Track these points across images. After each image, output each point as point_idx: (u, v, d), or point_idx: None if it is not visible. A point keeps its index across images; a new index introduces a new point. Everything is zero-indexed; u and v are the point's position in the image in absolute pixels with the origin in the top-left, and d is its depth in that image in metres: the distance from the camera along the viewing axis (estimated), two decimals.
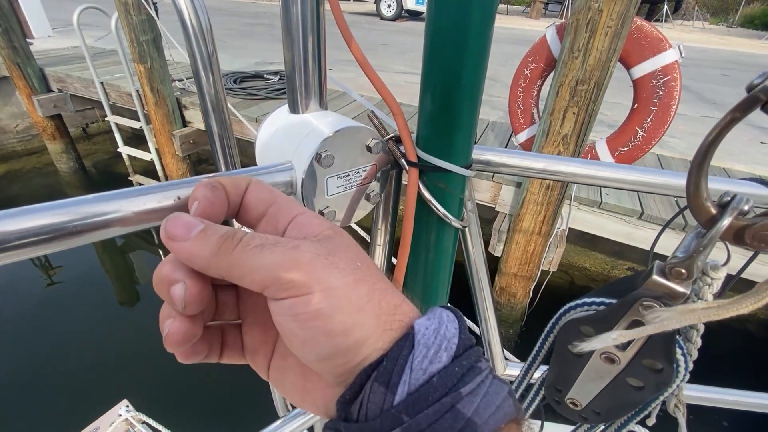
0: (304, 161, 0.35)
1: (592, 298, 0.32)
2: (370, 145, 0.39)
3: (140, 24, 3.05)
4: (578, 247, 4.24)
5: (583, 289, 4.04)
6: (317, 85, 0.38)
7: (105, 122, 5.71)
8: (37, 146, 5.21)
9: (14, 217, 0.23)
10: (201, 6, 0.36)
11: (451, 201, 0.44)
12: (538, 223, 2.58)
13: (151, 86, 3.30)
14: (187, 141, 3.62)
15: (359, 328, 0.19)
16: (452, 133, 0.40)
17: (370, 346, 0.20)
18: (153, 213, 0.27)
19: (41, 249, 0.24)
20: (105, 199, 0.26)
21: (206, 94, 0.40)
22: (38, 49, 4.43)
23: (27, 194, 4.85)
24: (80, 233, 0.25)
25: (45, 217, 0.24)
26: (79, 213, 0.25)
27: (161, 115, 3.47)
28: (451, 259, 0.51)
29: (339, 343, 0.19)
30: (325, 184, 0.37)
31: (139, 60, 3.18)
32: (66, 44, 5.30)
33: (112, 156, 5.49)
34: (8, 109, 5.04)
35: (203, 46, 0.37)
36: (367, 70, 0.41)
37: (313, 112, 0.39)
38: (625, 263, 4.14)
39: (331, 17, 0.40)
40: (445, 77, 0.38)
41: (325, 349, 0.20)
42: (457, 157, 0.41)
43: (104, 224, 0.26)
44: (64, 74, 4.18)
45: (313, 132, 0.36)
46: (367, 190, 0.42)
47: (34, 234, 0.24)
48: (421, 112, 0.41)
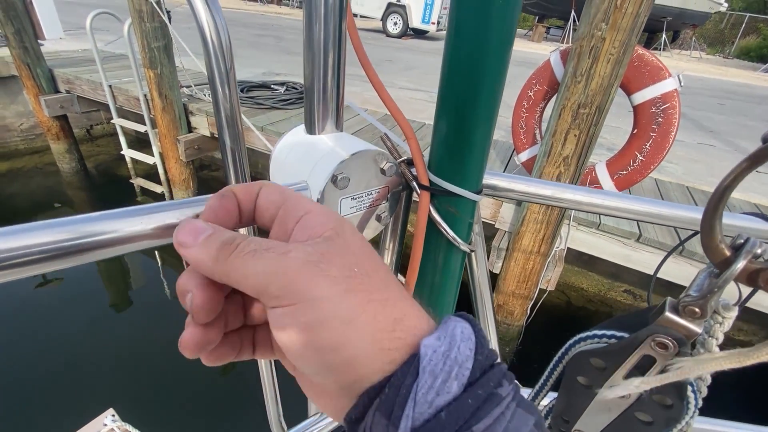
0: (320, 182, 0.35)
1: (602, 330, 0.32)
2: (384, 168, 0.40)
3: (153, 31, 3.10)
4: (575, 268, 4.24)
5: (579, 309, 4.03)
6: (335, 107, 0.39)
7: (109, 125, 5.74)
8: (40, 145, 5.22)
9: (34, 231, 0.24)
10: (222, 23, 0.37)
11: (460, 225, 0.45)
12: (537, 241, 2.59)
13: (160, 91, 3.33)
14: (192, 146, 3.64)
15: (349, 344, 0.18)
16: (465, 158, 0.40)
17: (365, 366, 0.18)
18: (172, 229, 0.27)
19: (60, 263, 0.25)
20: (127, 214, 0.27)
21: (221, 107, 0.41)
22: (48, 51, 4.49)
23: (26, 193, 4.84)
24: (102, 247, 0.26)
25: (62, 233, 0.25)
26: (99, 228, 0.26)
27: (168, 120, 3.50)
28: (457, 282, 0.51)
29: (329, 360, 0.18)
30: (339, 205, 0.38)
31: (149, 66, 3.22)
32: (76, 47, 5.37)
33: (114, 158, 5.50)
34: (14, 107, 5.07)
35: (222, 61, 0.38)
36: (383, 95, 0.42)
37: (329, 133, 0.40)
38: (622, 285, 4.14)
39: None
40: (462, 102, 0.39)
41: (316, 364, 0.18)
42: (468, 182, 0.42)
43: (122, 240, 0.26)
44: (73, 76, 4.23)
45: (329, 154, 0.37)
46: (377, 211, 0.43)
47: (54, 248, 0.24)
48: (435, 136, 0.42)
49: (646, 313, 0.29)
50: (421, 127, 3.59)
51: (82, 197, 4.88)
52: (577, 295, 4.20)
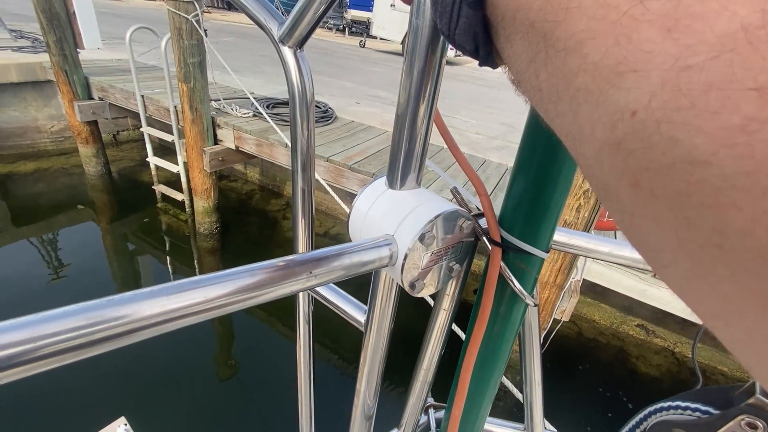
0: (409, 240, 0.36)
1: (686, 402, 0.35)
2: (462, 226, 0.42)
3: (190, 47, 3.27)
4: (588, 299, 4.23)
5: (590, 341, 4.00)
6: (419, 163, 0.40)
7: (135, 132, 5.94)
8: (68, 148, 5.40)
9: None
10: (308, 73, 0.39)
11: (527, 279, 0.45)
12: (554, 271, 2.62)
13: (191, 104, 3.47)
14: (216, 158, 3.76)
15: None
16: (539, 219, 0.40)
17: None
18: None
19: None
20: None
21: (299, 151, 0.42)
22: (84, 59, 4.70)
23: (50, 192, 4.98)
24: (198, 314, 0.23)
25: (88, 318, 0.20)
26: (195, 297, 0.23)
27: (195, 132, 3.63)
28: (515, 334, 0.51)
29: None
30: (421, 260, 0.39)
31: (183, 80, 3.37)
32: (110, 56, 5.61)
33: (137, 164, 5.67)
34: (47, 110, 5.27)
35: (305, 113, 0.40)
36: (455, 151, 0.45)
37: (411, 189, 0.40)
38: (635, 319, 4.12)
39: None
40: (543, 164, 0.39)
41: None
42: (539, 241, 0.42)
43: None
44: (108, 84, 4.41)
45: (415, 212, 0.38)
46: (449, 263, 0.44)
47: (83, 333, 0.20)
48: (510, 192, 0.41)
49: (730, 390, 0.32)
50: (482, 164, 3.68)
51: (104, 200, 5.01)
52: (588, 326, 4.17)
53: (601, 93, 0.13)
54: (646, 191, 0.12)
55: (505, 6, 0.16)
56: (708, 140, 0.10)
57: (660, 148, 0.11)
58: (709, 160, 0.10)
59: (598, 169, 0.14)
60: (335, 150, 3.35)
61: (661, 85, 0.11)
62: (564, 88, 0.14)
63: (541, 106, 0.16)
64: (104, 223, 4.75)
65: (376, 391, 0.51)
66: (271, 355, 3.38)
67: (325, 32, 16.67)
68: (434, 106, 0.35)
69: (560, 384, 3.40)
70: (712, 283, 0.11)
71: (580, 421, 3.16)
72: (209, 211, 4.23)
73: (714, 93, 0.10)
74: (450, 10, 0.19)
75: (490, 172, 3.49)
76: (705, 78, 0.10)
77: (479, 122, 5.21)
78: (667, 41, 0.11)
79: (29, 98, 5.11)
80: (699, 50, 0.11)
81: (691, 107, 0.10)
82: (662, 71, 0.11)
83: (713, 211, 0.10)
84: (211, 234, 4.38)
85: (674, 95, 0.11)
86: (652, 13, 0.11)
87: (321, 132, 3.75)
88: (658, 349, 3.95)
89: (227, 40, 9.13)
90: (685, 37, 0.11)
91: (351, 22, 15.72)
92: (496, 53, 0.19)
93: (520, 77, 0.17)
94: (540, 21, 0.14)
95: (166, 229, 4.71)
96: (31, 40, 5.82)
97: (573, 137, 0.15)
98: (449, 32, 0.20)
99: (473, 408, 0.51)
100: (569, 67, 0.14)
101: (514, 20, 0.16)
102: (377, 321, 0.45)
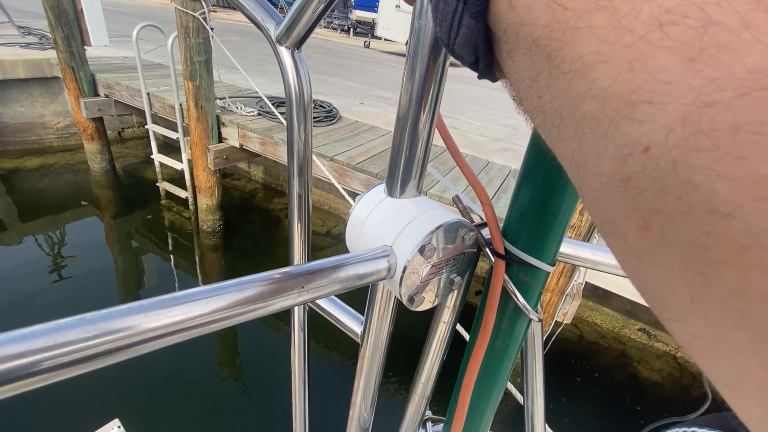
0: (408, 251, 0.35)
1: (692, 427, 0.34)
2: (464, 237, 0.40)
3: (196, 46, 3.27)
4: (590, 302, 4.20)
5: (591, 344, 3.97)
6: (419, 171, 0.38)
7: (140, 129, 5.96)
8: (73, 144, 5.43)
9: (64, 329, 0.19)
10: (305, 77, 0.37)
11: (531, 293, 0.43)
12: (557, 274, 2.60)
13: (196, 102, 3.48)
14: (221, 156, 3.76)
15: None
16: (546, 230, 0.39)
17: None
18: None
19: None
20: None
21: (295, 158, 0.41)
22: (91, 56, 4.72)
23: (55, 188, 5.01)
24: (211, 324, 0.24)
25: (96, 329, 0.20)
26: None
27: (200, 130, 3.63)
28: (518, 349, 0.50)
29: None
30: (421, 272, 0.38)
31: (189, 78, 3.37)
32: (116, 54, 5.64)
33: (141, 161, 5.69)
34: (53, 106, 5.30)
35: (303, 115, 0.38)
36: (460, 161, 0.43)
37: (410, 198, 0.39)
38: (636, 323, 4.09)
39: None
40: (549, 175, 0.37)
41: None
42: (545, 254, 0.40)
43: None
44: (114, 81, 4.43)
45: (415, 222, 0.37)
46: (450, 275, 0.43)
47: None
48: (515, 201, 0.40)
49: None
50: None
51: (108, 196, 5.04)
52: (590, 330, 4.14)
53: (610, 123, 0.12)
54: (656, 236, 0.11)
55: (508, 19, 0.15)
56: (733, 189, 0.09)
57: (675, 192, 0.10)
58: (732, 213, 0.09)
59: (603, 204, 0.13)
60: (339, 150, 3.34)
61: (680, 121, 0.10)
62: (568, 113, 0.13)
63: (543, 129, 0.15)
64: (108, 219, 4.77)
65: (372, 403, 0.49)
66: (270, 358, 3.37)
67: (330, 32, 16.69)
68: (437, 110, 0.34)
69: (560, 388, 3.38)
70: (728, 351, 0.10)
71: (579, 425, 3.13)
72: (213, 209, 4.24)
73: (742, 136, 0.09)
74: (450, 18, 0.17)
75: (494, 174, 3.47)
76: (732, 118, 0.09)
77: (483, 124, 5.19)
78: (688, 72, 0.10)
79: (36, 94, 5.15)
80: (726, 86, 0.09)
81: (714, 149, 0.09)
82: (681, 105, 0.10)
83: (735, 271, 0.09)
84: (214, 231, 4.39)
85: (694, 134, 0.10)
86: (672, 40, 0.10)
87: (325, 131, 3.75)
88: (660, 354, 3.91)
89: (232, 39, 9.15)
90: (710, 70, 0.10)
91: (356, 23, 15.72)
92: (497, 66, 0.18)
93: (521, 95, 0.16)
94: (545, 39, 0.13)
95: (169, 226, 4.73)
96: (39, 36, 5.86)
97: (577, 166, 0.13)
98: (449, 42, 0.18)
99: (473, 425, 0.50)
100: (575, 92, 0.12)
101: (517, 35, 0.15)
102: (374, 333, 0.44)
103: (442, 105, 0.35)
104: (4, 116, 5.03)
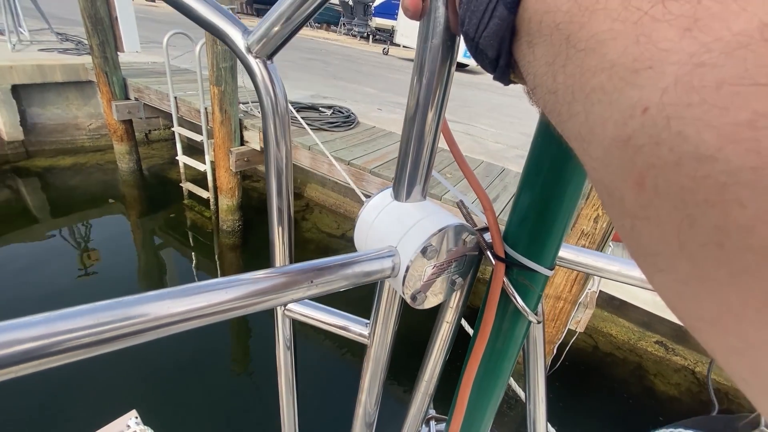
0: (411, 252, 0.37)
1: (689, 429, 0.35)
2: (466, 240, 0.41)
3: (222, 53, 3.39)
4: (605, 313, 4.10)
5: (606, 356, 3.87)
6: (424, 176, 0.39)
7: (166, 131, 6.20)
8: (104, 144, 5.69)
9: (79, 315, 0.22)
10: (280, 88, 0.37)
11: (531, 296, 0.44)
12: (570, 281, 2.56)
13: (221, 106, 3.60)
14: (242, 158, 3.87)
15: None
16: (545, 235, 0.40)
17: None
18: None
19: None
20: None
21: (273, 174, 0.40)
22: (123, 61, 4.95)
23: (85, 186, 5.26)
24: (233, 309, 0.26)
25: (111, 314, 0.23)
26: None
27: (224, 133, 3.76)
28: (518, 351, 0.50)
29: None
30: (423, 272, 0.39)
31: (215, 83, 3.50)
32: (146, 59, 5.89)
33: (166, 162, 5.90)
34: (86, 109, 5.58)
35: (281, 129, 0.38)
36: (463, 166, 0.44)
37: (415, 202, 0.40)
38: (654, 335, 3.96)
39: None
40: (550, 180, 0.37)
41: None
42: (544, 258, 0.41)
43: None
44: (144, 86, 4.63)
45: (419, 225, 0.38)
46: (452, 276, 0.44)
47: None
48: (515, 207, 0.41)
49: (736, 420, 0.33)
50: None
51: (134, 195, 5.24)
52: (605, 341, 4.04)
53: (615, 90, 0.13)
54: (650, 191, 0.12)
55: (535, 9, 0.16)
56: (715, 135, 0.10)
57: (668, 144, 0.11)
58: (714, 155, 0.10)
59: (604, 171, 0.14)
60: (356, 154, 3.39)
61: (675, 81, 0.11)
62: (580, 88, 0.14)
63: (554, 110, 0.17)
64: (133, 216, 4.96)
65: (377, 400, 0.52)
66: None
67: (350, 39, 16.89)
68: (442, 115, 0.34)
69: (574, 398, 3.30)
70: (710, 287, 0.11)
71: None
72: (233, 209, 4.36)
73: (725, 89, 0.10)
74: (483, 9, 0.18)
75: (509, 181, 3.45)
76: (717, 74, 0.10)
77: (499, 131, 5.15)
78: (684, 40, 0.11)
79: (71, 97, 5.43)
80: (714, 47, 0.11)
81: (702, 103, 0.10)
82: (677, 68, 0.11)
83: (717, 208, 0.10)
84: (234, 231, 4.51)
85: (686, 91, 0.11)
86: (671, 14, 0.12)
87: (343, 136, 3.82)
88: (678, 368, 3.78)
89: None
90: (703, 35, 0.11)
91: (375, 30, 15.88)
92: (513, 66, 0.20)
93: (536, 82, 0.17)
94: (566, 23, 0.15)
95: (190, 224, 4.88)
96: (75, 42, 6.18)
97: (582, 138, 0.15)
98: (475, 34, 0.19)
99: (474, 423, 0.52)
100: (587, 67, 0.14)
101: (541, 23, 0.16)
102: (380, 331, 0.46)
103: (459, 112, 0.36)
104: (41, 117, 5.32)
